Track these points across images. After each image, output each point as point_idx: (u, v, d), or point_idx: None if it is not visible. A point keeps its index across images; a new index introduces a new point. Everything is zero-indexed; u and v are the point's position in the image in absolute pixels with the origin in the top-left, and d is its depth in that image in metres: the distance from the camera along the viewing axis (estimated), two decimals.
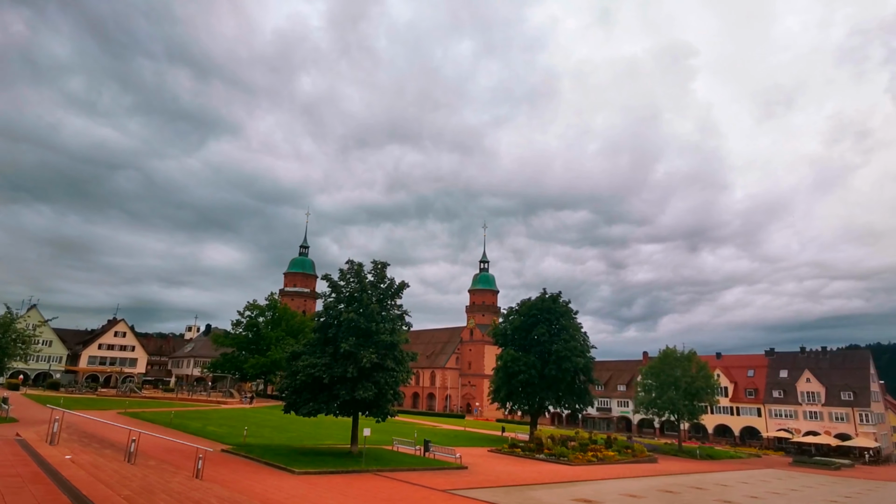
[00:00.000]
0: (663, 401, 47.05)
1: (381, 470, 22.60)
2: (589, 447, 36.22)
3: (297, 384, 24.80)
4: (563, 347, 41.29)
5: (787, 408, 73.00)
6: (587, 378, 44.32)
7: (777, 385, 75.42)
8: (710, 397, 49.58)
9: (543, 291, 45.27)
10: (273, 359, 67.12)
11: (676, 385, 46.53)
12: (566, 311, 44.29)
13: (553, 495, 20.04)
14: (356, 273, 26.98)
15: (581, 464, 31.64)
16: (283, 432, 34.17)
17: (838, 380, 71.23)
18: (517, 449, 35.23)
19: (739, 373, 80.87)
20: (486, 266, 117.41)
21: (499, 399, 44.89)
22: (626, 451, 38.54)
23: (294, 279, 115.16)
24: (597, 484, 24.52)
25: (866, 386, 69.73)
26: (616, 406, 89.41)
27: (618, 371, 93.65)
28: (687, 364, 48.39)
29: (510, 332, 45.07)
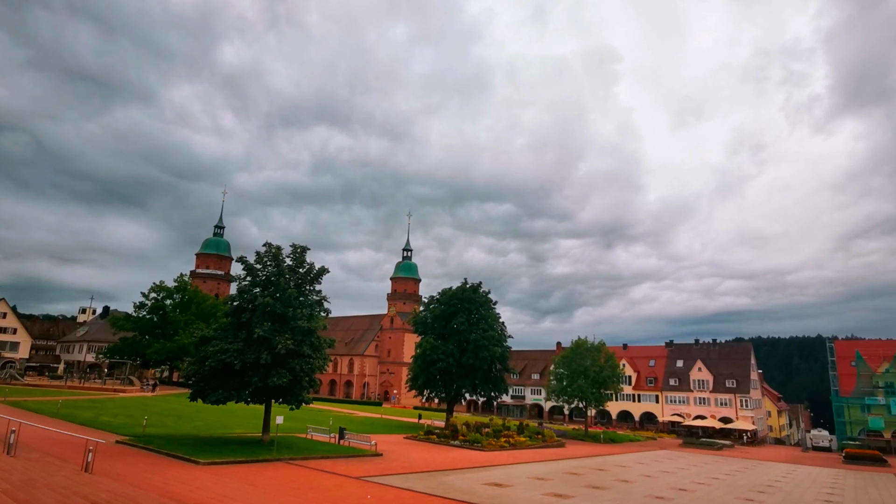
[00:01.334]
0: (573, 389, 49.53)
1: (293, 458, 22.03)
2: (502, 433, 37.44)
3: (205, 370, 23.48)
4: (481, 337, 42.22)
5: (681, 394, 79.51)
6: (503, 367, 45.67)
7: (674, 374, 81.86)
8: (615, 385, 52.78)
9: (464, 281, 46.00)
10: (180, 344, 63.22)
11: (586, 374, 49.11)
12: (486, 302, 45.28)
13: (465, 480, 20.51)
14: (274, 256, 25.92)
15: (494, 449, 32.62)
16: (188, 421, 32.35)
17: (724, 369, 78.53)
18: (433, 436, 35.70)
19: (642, 363, 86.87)
20: (409, 254, 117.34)
21: (416, 387, 45.19)
22: (537, 436, 40.26)
23: (207, 261, 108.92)
24: (508, 468, 25.40)
25: (747, 375, 77.44)
26: (530, 394, 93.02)
27: (532, 360, 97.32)
28: (596, 354, 51.19)
29: (430, 321, 45.41)
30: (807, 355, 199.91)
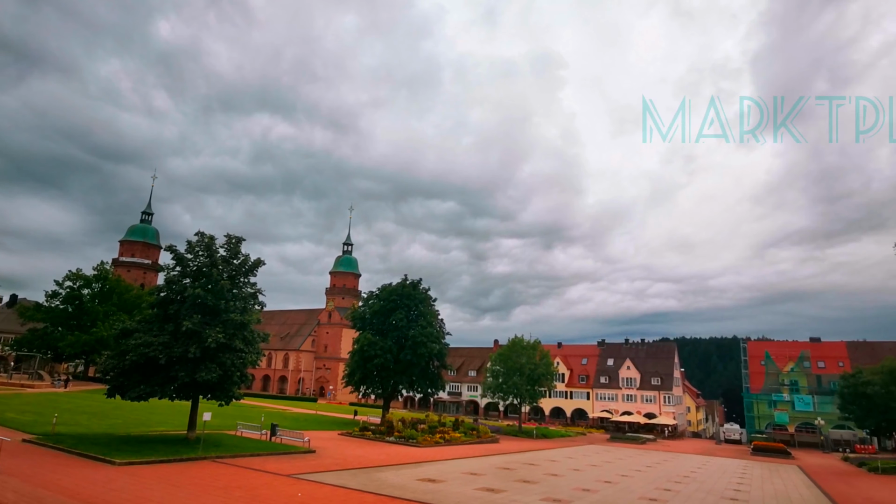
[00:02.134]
0: (508, 386, 50.60)
1: (220, 456, 21.17)
2: (437, 429, 37.67)
3: (125, 365, 22.06)
4: (419, 333, 42.29)
5: (611, 391, 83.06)
6: (441, 364, 45.98)
7: (604, 372, 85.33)
8: (549, 383, 54.41)
9: (405, 278, 45.89)
10: (98, 336, 59.14)
11: (521, 371, 50.29)
12: (425, 298, 45.39)
13: (399, 476, 20.47)
14: (206, 246, 24.73)
15: (429, 445, 32.77)
16: (104, 419, 30.36)
17: (651, 368, 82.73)
18: (368, 432, 35.39)
19: (575, 361, 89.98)
20: (349, 249, 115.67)
21: (353, 383, 44.67)
22: (472, 432, 40.80)
23: (132, 248, 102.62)
24: (442, 464, 25.58)
25: (671, 373, 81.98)
26: (466, 390, 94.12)
27: (470, 357, 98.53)
28: (532, 352, 52.53)
29: (369, 316, 45.00)
30: (723, 355, 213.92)
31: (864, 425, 43.77)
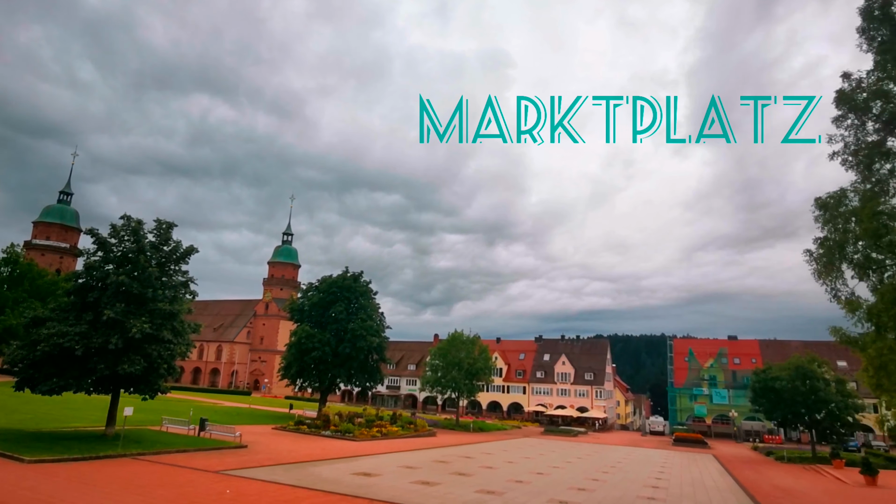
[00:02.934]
0: (447, 380, 50.99)
1: (142, 453, 20.02)
2: (375, 423, 37.42)
3: (36, 356, 20.37)
4: (359, 326, 41.76)
5: (546, 386, 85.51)
6: (380, 357, 45.64)
7: (541, 367, 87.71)
8: (487, 377, 55.27)
9: (345, 270, 45.17)
10: (6, 325, 54.47)
11: (460, 366, 50.80)
12: (366, 291, 44.87)
13: (334, 471, 20.16)
14: (133, 231, 23.22)
15: (366, 439, 32.49)
16: (11, 414, 28.02)
17: (584, 363, 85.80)
18: (303, 426, 34.65)
19: (513, 356, 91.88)
20: (290, 239, 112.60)
21: (289, 376, 43.55)
22: (410, 426, 40.84)
23: (48, 231, 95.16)
24: (378, 458, 25.42)
25: (603, 368, 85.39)
26: (405, 384, 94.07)
27: (410, 351, 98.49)
28: (471, 347, 53.15)
29: (308, 308, 43.98)
30: (652, 351, 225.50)
31: (772, 417, 47.30)
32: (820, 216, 15.18)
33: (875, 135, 15.25)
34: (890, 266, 13.96)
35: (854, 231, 13.85)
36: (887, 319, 12.75)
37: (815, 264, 15.07)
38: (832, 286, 14.86)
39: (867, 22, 15.62)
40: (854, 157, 15.39)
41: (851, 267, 14.65)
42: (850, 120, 15.57)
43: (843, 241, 14.28)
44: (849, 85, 15.69)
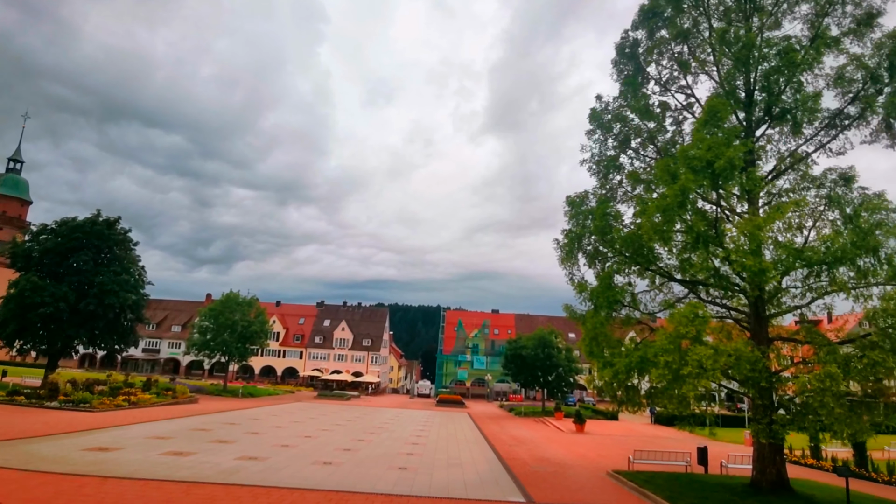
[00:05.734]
0: (217, 343, 47.33)
1: None
2: (122, 391, 32.81)
3: None
4: (110, 280, 35.69)
5: (324, 351, 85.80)
6: (136, 316, 39.85)
7: (320, 332, 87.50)
8: (262, 341, 52.91)
9: (97, 213, 37.96)
10: None
11: (233, 328, 47.55)
12: (123, 241, 38.48)
13: (60, 447, 17.04)
14: None
15: (108, 409, 28.25)
16: None
17: (363, 330, 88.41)
18: (20, 397, 28.52)
19: (292, 320, 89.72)
20: (18, 166, 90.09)
21: (4, 336, 35.11)
22: (167, 393, 36.88)
23: None
24: (121, 430, 22.35)
25: (381, 336, 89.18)
26: (167, 347, 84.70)
27: (176, 311, 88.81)
28: (247, 309, 50.16)
29: (38, 255, 35.78)
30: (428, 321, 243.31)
31: (517, 379, 55.53)
32: (568, 211, 18.03)
33: (613, 150, 18.64)
34: (610, 258, 17.33)
35: (589, 227, 16.82)
36: (602, 300, 15.89)
37: (560, 252, 17.90)
38: (570, 271, 17.86)
39: (619, 57, 18.86)
40: (597, 167, 18.61)
41: (585, 256, 17.81)
42: (598, 135, 18.73)
43: (581, 234, 17.24)
44: (600, 106, 18.81)
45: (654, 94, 18.65)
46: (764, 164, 16.81)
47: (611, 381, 15.36)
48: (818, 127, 16.23)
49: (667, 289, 17.49)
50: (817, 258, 12.94)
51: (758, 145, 16.44)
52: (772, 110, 16.02)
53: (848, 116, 15.88)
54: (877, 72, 14.82)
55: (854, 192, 15.22)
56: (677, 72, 18.18)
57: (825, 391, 11.29)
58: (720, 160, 13.02)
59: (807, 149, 16.65)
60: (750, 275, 12.69)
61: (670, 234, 14.44)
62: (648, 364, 13.53)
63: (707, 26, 17.33)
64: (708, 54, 17.38)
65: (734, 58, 15.85)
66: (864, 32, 15.49)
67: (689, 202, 14.13)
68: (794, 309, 15.56)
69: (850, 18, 15.75)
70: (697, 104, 17.91)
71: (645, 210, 14.34)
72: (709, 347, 12.42)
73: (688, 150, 14.03)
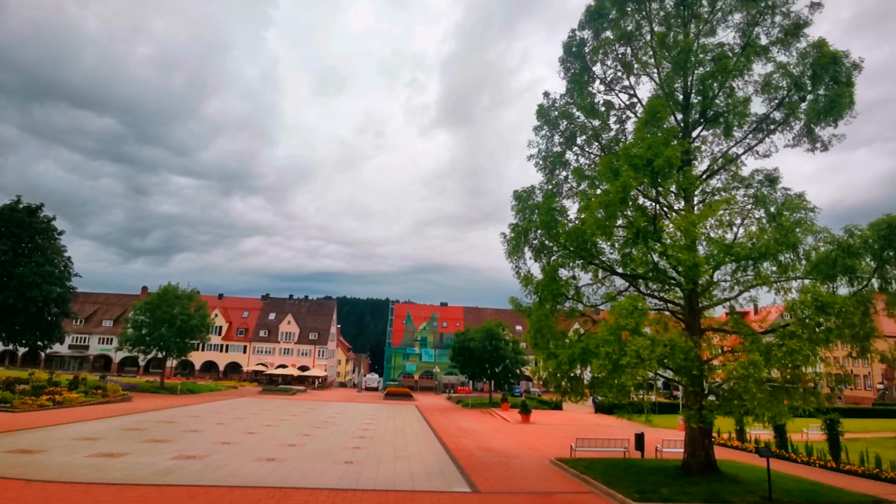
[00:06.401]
0: (153, 338, 45.18)
1: None
2: (46, 390, 30.77)
3: None
4: (32, 272, 33.33)
5: (269, 345, 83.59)
6: (62, 311, 37.44)
7: (265, 326, 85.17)
8: (203, 335, 50.93)
9: (17, 199, 35.31)
10: None
11: (171, 322, 45.52)
12: (47, 229, 35.99)
13: None
14: None
15: (30, 410, 26.44)
16: None
17: (310, 323, 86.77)
18: None
19: (236, 314, 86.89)
20: None
21: None
22: (96, 391, 34.88)
23: None
24: (46, 431, 20.99)
25: (328, 329, 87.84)
26: (97, 343, 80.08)
27: (107, 305, 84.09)
28: (187, 302, 48.10)
29: None
30: (376, 314, 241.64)
31: (464, 372, 56.10)
32: (515, 206, 18.33)
33: (559, 147, 19.06)
34: (556, 252, 17.75)
35: (535, 222, 17.15)
36: (546, 293, 16.28)
37: (507, 245, 18.18)
38: (516, 264, 18.19)
39: (566, 55, 19.27)
40: (543, 162, 18.99)
41: (531, 250, 18.17)
42: (545, 131, 19.10)
43: (527, 229, 17.57)
44: (547, 102, 19.17)
45: (599, 93, 19.23)
46: (699, 163, 17.67)
47: (555, 371, 15.79)
48: (747, 130, 17.23)
49: (609, 282, 18.13)
50: (744, 254, 13.75)
51: (693, 146, 17.27)
52: (706, 113, 16.86)
53: (774, 121, 16.94)
54: (800, 80, 15.86)
55: (778, 193, 16.29)
56: (621, 72, 18.77)
57: (749, 377, 12.06)
58: (659, 159, 13.59)
59: (737, 151, 17.66)
60: (685, 269, 13.37)
61: (612, 229, 14.97)
62: (590, 355, 13.99)
63: (649, 30, 17.98)
64: (649, 57, 18.03)
65: (673, 61, 16.53)
66: (791, 42, 16.52)
67: (631, 199, 14.70)
68: (723, 301, 16.51)
69: (779, 28, 16.76)
70: (639, 104, 18.57)
71: (588, 205, 14.77)
72: (646, 338, 12.99)
73: (630, 149, 14.55)
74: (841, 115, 15.78)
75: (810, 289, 12.93)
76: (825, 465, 20.22)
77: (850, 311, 12.65)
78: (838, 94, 15.42)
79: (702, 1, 17.35)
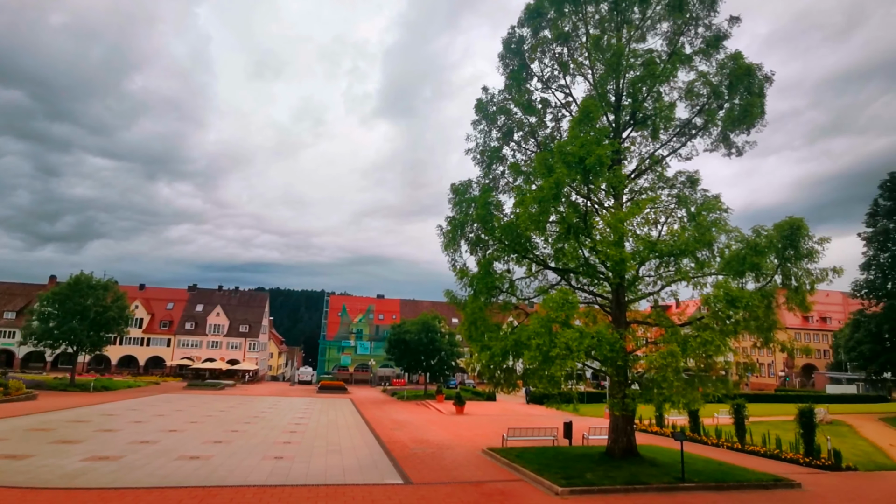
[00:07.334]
0: (62, 331, 41.84)
1: None
2: None
3: None
4: None
5: (196, 338, 79.76)
6: None
7: (191, 318, 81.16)
8: (120, 328, 47.79)
9: None
10: None
11: (84, 315, 42.32)
12: None
13: None
14: None
15: None
16: None
17: (241, 315, 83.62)
18: None
19: (159, 305, 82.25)
20: None
21: None
22: None
23: None
24: None
25: (260, 321, 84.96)
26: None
27: (9, 295, 77.28)
28: (102, 293, 44.90)
29: None
30: (311, 306, 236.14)
31: (400, 364, 56.02)
32: (452, 199, 18.43)
33: (497, 142, 19.32)
34: (491, 245, 18.04)
35: (472, 215, 17.34)
36: (481, 286, 16.54)
37: (444, 238, 18.27)
38: (452, 257, 18.32)
39: (506, 51, 19.52)
40: (481, 156, 19.20)
41: (467, 243, 18.35)
42: (483, 126, 19.31)
43: (464, 222, 17.73)
44: (486, 97, 19.37)
45: (536, 91, 19.65)
46: (628, 163, 18.50)
47: (488, 363, 16.08)
48: (672, 133, 18.21)
49: (542, 276, 18.65)
50: (667, 250, 14.57)
51: (623, 146, 18.04)
52: (636, 115, 17.66)
53: (695, 126, 18.00)
54: (719, 89, 16.93)
55: (698, 194, 17.35)
56: (558, 71, 19.26)
57: (667, 367, 12.83)
58: (591, 157, 14.09)
59: (662, 152, 18.63)
60: (612, 264, 13.98)
61: (545, 224, 15.39)
62: (522, 347, 14.35)
63: (584, 32, 18.55)
64: (585, 58, 18.61)
65: (606, 64, 17.16)
66: (712, 53, 17.59)
67: (564, 195, 15.17)
68: (647, 295, 17.44)
69: (701, 39, 17.79)
70: (574, 103, 19.15)
71: (523, 200, 15.10)
72: (576, 331, 13.48)
73: (563, 146, 14.99)
74: (753, 123, 17.04)
75: (722, 284, 13.88)
76: (732, 446, 21.93)
77: (756, 305, 13.71)
78: (751, 103, 16.62)
79: (633, 8, 18.09)
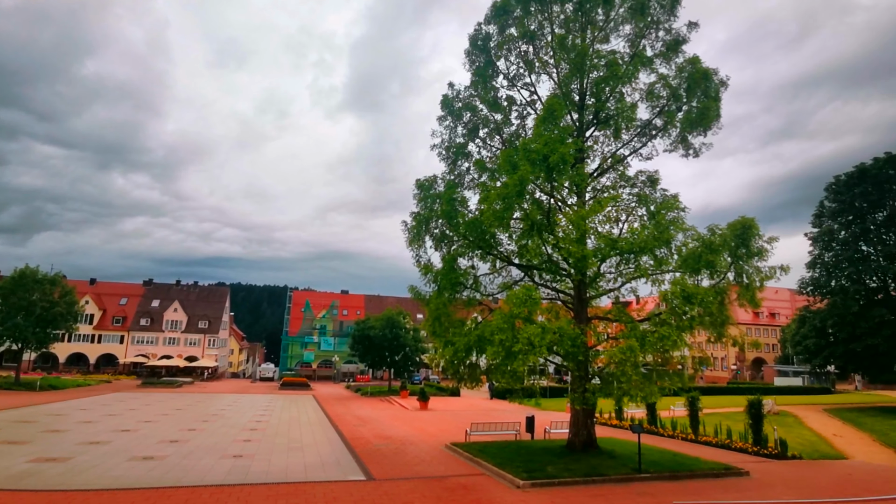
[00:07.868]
0: (6, 328, 39.76)
1: None
2: None
3: None
4: None
5: (151, 335, 77.12)
6: None
7: (147, 314, 78.42)
8: (69, 324, 45.74)
9: None
10: None
11: (29, 310, 40.32)
12: None
13: None
14: None
15: None
16: None
17: (200, 311, 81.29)
18: None
19: (112, 300, 79.17)
20: None
21: None
22: None
23: None
24: None
25: (220, 317, 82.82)
26: None
27: None
28: (49, 288, 42.86)
29: None
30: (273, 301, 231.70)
31: (364, 360, 55.63)
32: (417, 194, 18.36)
33: (462, 138, 19.35)
34: (456, 241, 18.07)
35: (437, 211, 17.32)
36: (445, 282, 16.56)
37: (409, 234, 18.19)
38: (417, 253, 18.27)
39: (472, 48, 19.54)
40: (446, 152, 19.19)
41: (432, 239, 18.33)
42: (448, 122, 19.29)
43: (429, 218, 17.70)
44: (452, 93, 19.36)
45: (502, 88, 19.75)
46: (591, 162, 18.83)
47: (452, 359, 16.13)
48: (633, 134, 18.65)
49: (506, 272, 18.81)
50: (627, 248, 14.92)
51: (587, 145, 18.35)
52: (599, 115, 17.98)
53: (655, 127, 18.48)
54: (678, 91, 17.43)
55: (657, 193, 17.83)
56: (523, 69, 19.40)
57: (626, 361, 13.15)
58: (555, 155, 14.27)
59: (624, 152, 19.05)
60: (575, 261, 14.22)
61: (509, 220, 15.53)
62: (485, 342, 14.45)
63: (550, 31, 18.74)
64: (550, 57, 18.81)
65: (571, 63, 17.40)
66: (671, 57, 18.07)
67: (528, 192, 15.31)
68: (608, 291, 17.83)
69: (662, 43, 18.25)
70: (539, 102, 19.34)
71: (488, 197, 15.17)
72: (538, 326, 13.66)
73: (528, 144, 15.13)
74: (709, 126, 17.63)
75: (679, 281, 14.32)
76: (687, 437, 22.72)
77: (710, 301, 14.20)
78: (707, 106, 17.18)
79: (598, 9, 18.38)
